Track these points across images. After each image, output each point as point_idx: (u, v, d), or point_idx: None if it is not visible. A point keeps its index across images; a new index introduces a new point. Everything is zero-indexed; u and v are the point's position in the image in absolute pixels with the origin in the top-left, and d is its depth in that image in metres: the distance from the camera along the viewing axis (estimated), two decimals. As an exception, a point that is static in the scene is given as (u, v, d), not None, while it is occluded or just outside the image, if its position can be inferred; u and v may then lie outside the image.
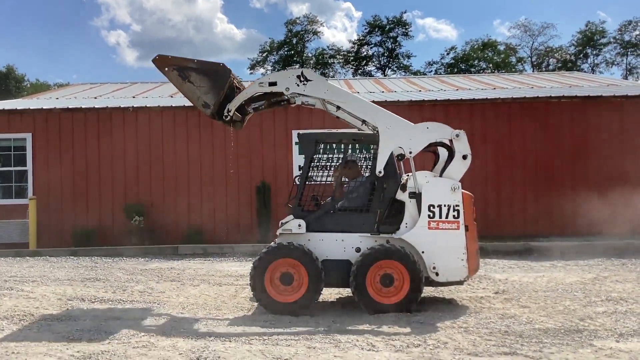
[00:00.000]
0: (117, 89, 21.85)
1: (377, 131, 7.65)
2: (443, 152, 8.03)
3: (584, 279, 9.51)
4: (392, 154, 7.55)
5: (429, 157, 8.41)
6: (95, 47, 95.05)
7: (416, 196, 7.45)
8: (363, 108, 7.83)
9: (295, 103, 7.99)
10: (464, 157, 7.59)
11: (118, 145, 15.59)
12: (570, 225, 14.99)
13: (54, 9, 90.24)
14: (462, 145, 7.61)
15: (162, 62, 7.95)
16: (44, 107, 15.82)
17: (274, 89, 7.86)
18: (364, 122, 7.82)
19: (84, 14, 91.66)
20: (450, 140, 7.66)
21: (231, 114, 7.95)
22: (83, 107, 15.86)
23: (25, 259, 13.19)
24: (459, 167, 7.61)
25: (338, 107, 7.86)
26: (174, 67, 7.94)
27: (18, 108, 15.87)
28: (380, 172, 7.52)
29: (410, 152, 7.58)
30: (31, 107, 15.85)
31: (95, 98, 18.39)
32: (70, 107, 15.89)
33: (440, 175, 7.66)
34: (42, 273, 10.75)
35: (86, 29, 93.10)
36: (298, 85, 7.78)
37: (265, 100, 8.11)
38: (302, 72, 7.81)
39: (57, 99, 18.83)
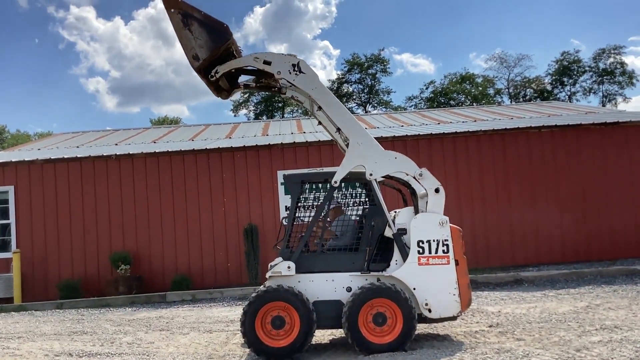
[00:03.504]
0: (98, 137, 21.81)
1: (348, 143, 7.67)
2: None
3: (577, 307, 9.47)
4: (378, 194, 7.52)
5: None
6: (75, 95, 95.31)
7: (395, 236, 7.38)
8: (342, 117, 7.78)
9: (285, 94, 7.97)
10: (437, 190, 7.57)
11: (102, 194, 15.49)
12: (557, 252, 15.08)
13: (32, 58, 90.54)
14: (429, 181, 7.59)
15: (170, 3, 7.82)
16: (26, 159, 15.72)
17: (266, 67, 7.78)
18: (338, 130, 7.83)
19: (63, 63, 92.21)
20: (414, 178, 7.64)
21: (217, 75, 7.88)
22: (65, 157, 15.79)
23: (10, 314, 12.92)
24: (437, 201, 7.57)
25: (320, 108, 7.86)
26: (179, 10, 7.80)
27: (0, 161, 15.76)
28: (335, 182, 7.52)
29: (371, 175, 7.58)
30: (13, 160, 15.75)
31: (78, 147, 18.32)
32: (52, 157, 15.81)
33: (416, 213, 7.64)
34: (28, 328, 10.51)
35: (65, 77, 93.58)
36: (290, 73, 7.69)
37: (256, 77, 8.10)
38: (298, 62, 7.73)
39: (38, 149, 18.74)
